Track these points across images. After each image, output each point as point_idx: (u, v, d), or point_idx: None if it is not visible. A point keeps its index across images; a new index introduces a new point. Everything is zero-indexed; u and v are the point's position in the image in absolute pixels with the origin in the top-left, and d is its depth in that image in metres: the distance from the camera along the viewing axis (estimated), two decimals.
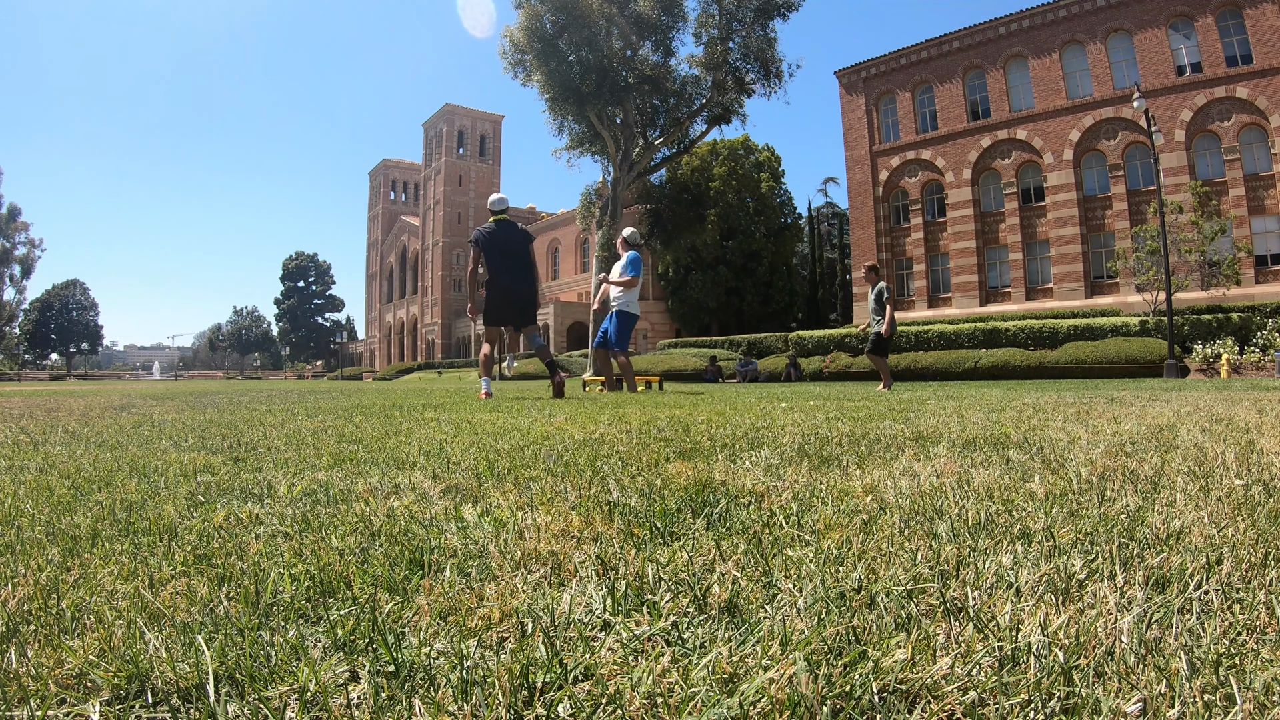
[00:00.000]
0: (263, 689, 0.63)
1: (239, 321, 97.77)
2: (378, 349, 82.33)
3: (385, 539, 1.15)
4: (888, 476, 1.69)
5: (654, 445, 2.39)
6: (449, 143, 70.45)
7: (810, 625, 0.75)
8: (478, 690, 0.61)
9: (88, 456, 2.31)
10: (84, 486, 1.70)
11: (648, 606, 0.81)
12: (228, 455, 2.32)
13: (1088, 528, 1.15)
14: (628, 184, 24.27)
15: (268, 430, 3.24)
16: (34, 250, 59.73)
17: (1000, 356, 19.63)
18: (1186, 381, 12.21)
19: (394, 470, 1.92)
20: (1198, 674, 0.62)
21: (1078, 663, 0.65)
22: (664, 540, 1.14)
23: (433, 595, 0.87)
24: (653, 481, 1.65)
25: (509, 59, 22.59)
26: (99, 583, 0.94)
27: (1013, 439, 2.47)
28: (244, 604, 0.84)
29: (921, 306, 32.51)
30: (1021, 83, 30.41)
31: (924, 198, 33.12)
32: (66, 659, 0.69)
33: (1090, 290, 28.62)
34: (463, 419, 3.79)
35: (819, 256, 49.86)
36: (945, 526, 1.17)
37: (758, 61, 22.87)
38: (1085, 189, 29.04)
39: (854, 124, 35.01)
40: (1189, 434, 2.55)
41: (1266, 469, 1.70)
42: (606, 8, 21.57)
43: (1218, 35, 25.69)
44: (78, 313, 74.53)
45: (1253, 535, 1.08)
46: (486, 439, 2.71)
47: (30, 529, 1.26)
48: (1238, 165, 25.56)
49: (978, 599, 0.83)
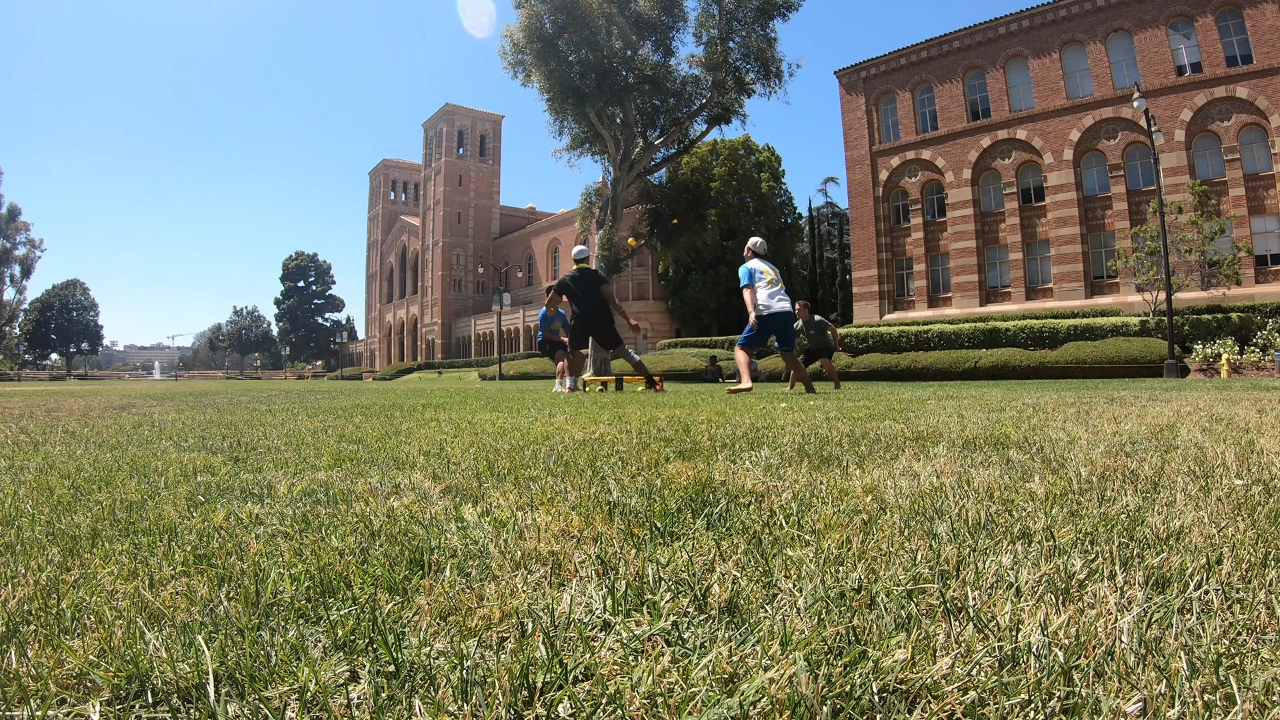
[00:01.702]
0: (263, 689, 0.63)
1: (239, 321, 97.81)
2: (378, 349, 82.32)
3: (385, 539, 1.15)
4: (888, 476, 1.69)
5: (654, 445, 2.39)
6: (449, 143, 70.45)
7: (810, 625, 0.75)
8: (478, 690, 0.61)
9: (88, 456, 2.31)
10: (84, 486, 1.70)
11: (648, 606, 0.81)
12: (228, 455, 2.32)
13: (1088, 528, 1.15)
14: (628, 184, 24.26)
15: (268, 430, 3.24)
16: (34, 250, 59.79)
17: (1000, 356, 19.63)
18: (1186, 381, 12.20)
19: (394, 470, 1.92)
20: (1198, 674, 0.62)
21: (1078, 663, 0.65)
22: (664, 540, 1.14)
23: (433, 595, 0.87)
24: (653, 481, 1.65)
25: (509, 59, 22.57)
26: (99, 583, 0.94)
27: (1013, 439, 2.47)
28: (244, 604, 0.84)
29: (921, 306, 32.51)
30: (1021, 83, 30.41)
31: (924, 198, 33.11)
32: (66, 659, 0.69)
33: (1090, 290, 28.62)
34: (463, 419, 3.79)
35: (819, 256, 49.85)
36: (945, 526, 1.17)
37: (758, 61, 22.84)
38: (1085, 189, 29.04)
39: (854, 124, 35.00)
40: (1189, 434, 2.55)
41: (1266, 469, 1.70)
42: (606, 8, 21.56)
43: (1218, 35, 25.69)
44: (78, 313, 74.55)
45: (1253, 535, 1.08)
46: (486, 439, 2.71)
47: (30, 529, 1.26)
48: (1238, 165, 25.56)
49: (978, 599, 0.83)
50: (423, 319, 73.09)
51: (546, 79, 22.04)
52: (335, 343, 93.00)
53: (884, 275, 33.86)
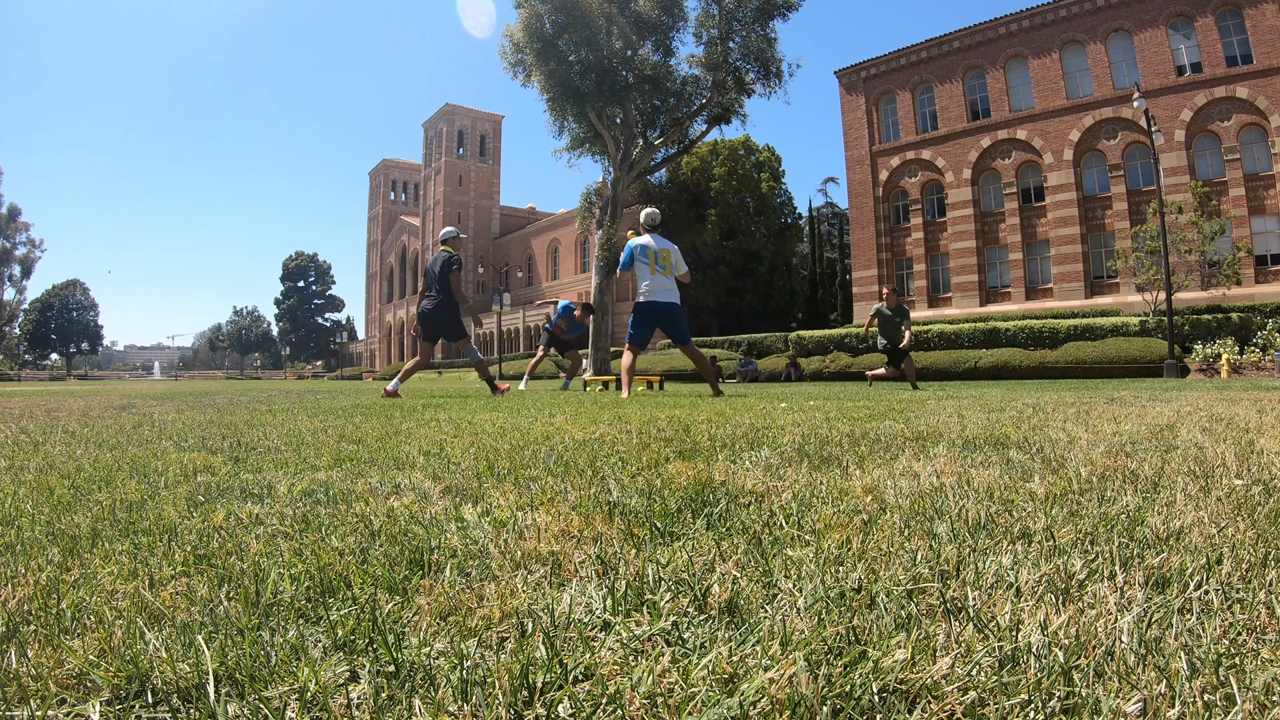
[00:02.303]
0: (263, 689, 0.63)
1: (239, 321, 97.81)
2: (378, 349, 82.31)
3: (385, 539, 1.15)
4: (888, 476, 1.69)
5: (654, 445, 2.39)
6: (449, 143, 70.47)
7: (810, 625, 0.75)
8: (478, 690, 0.61)
9: (88, 456, 2.31)
10: (84, 486, 1.70)
11: (648, 606, 0.81)
12: (228, 455, 2.32)
13: (1088, 528, 1.15)
14: (628, 184, 24.26)
15: (268, 430, 3.24)
16: (34, 250, 59.78)
17: (1000, 356, 19.63)
18: (1186, 381, 12.20)
19: (394, 470, 1.92)
20: (1198, 674, 0.62)
21: (1078, 663, 0.65)
22: (664, 540, 1.14)
23: (433, 595, 0.87)
24: (653, 481, 1.65)
25: (509, 59, 22.58)
26: (99, 583, 0.94)
27: (1013, 439, 2.47)
28: (244, 604, 0.84)
29: (921, 306, 32.51)
30: (1021, 83, 30.42)
31: (924, 198, 33.12)
32: (66, 659, 0.69)
33: (1090, 290, 28.62)
34: (463, 419, 3.79)
35: (819, 256, 49.85)
36: (945, 526, 1.17)
37: (758, 61, 22.85)
38: (1085, 189, 29.04)
39: (854, 124, 35.01)
40: (1189, 434, 2.55)
41: (1266, 469, 1.70)
42: (606, 8, 21.56)
43: (1218, 35, 25.70)
44: (78, 313, 74.53)
45: (1253, 535, 1.08)
46: (486, 439, 2.71)
47: (30, 529, 1.26)
48: (1238, 165, 25.57)
49: (978, 599, 0.83)
50: None
51: (546, 79, 22.04)
52: (335, 343, 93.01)
53: (884, 275, 33.87)
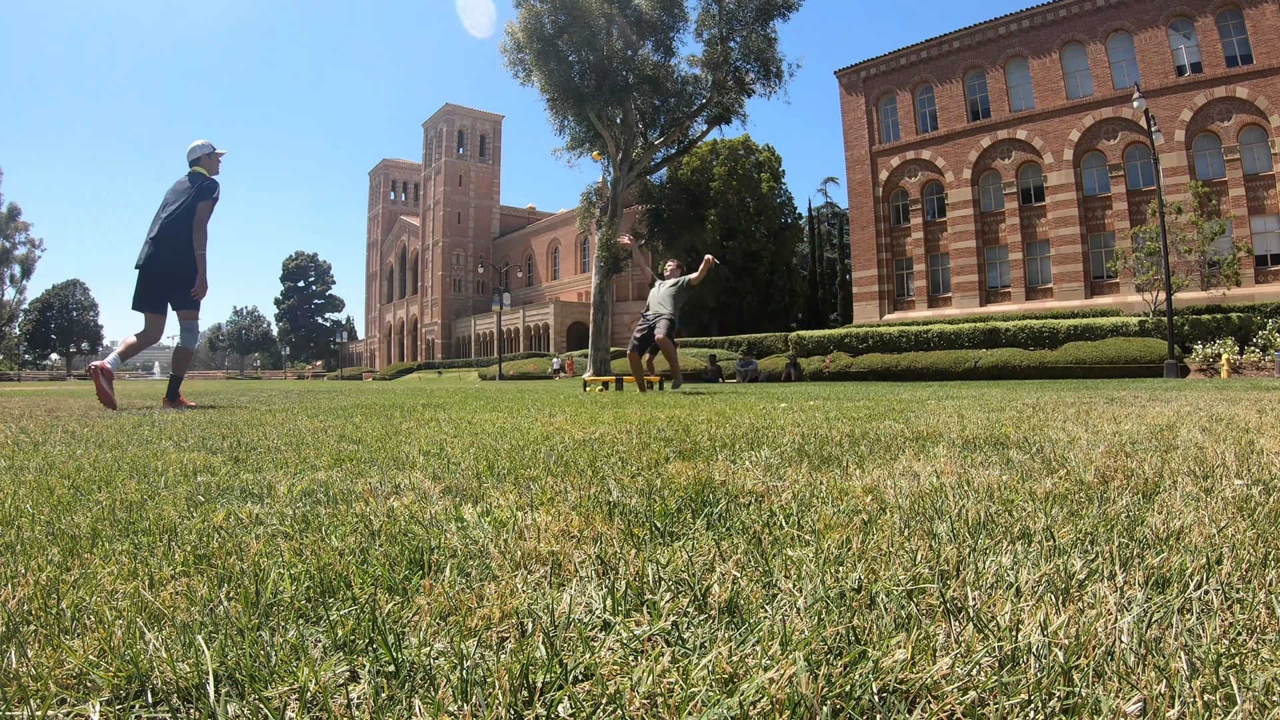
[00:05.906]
0: (263, 689, 0.63)
1: (239, 321, 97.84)
2: (378, 349, 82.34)
3: (385, 539, 1.15)
4: (888, 476, 1.69)
5: (654, 445, 2.39)
6: (449, 143, 70.48)
7: (810, 625, 0.75)
8: (478, 690, 0.61)
9: (88, 456, 2.31)
10: (84, 486, 1.70)
11: (648, 606, 0.81)
12: (228, 455, 2.31)
13: (1088, 528, 1.15)
14: (628, 184, 24.27)
15: (268, 430, 3.24)
16: (34, 250, 59.83)
17: (1000, 356, 19.63)
18: (1186, 381, 12.21)
19: (394, 470, 1.92)
20: (1198, 674, 0.62)
21: (1078, 663, 0.65)
22: (664, 540, 1.14)
23: (433, 595, 0.87)
24: (653, 481, 1.65)
25: (509, 56, 22.59)
26: (99, 583, 0.94)
27: (1013, 439, 2.47)
28: (244, 604, 0.84)
29: (921, 306, 32.52)
30: (1021, 83, 30.41)
31: (924, 198, 33.11)
32: (66, 659, 0.69)
33: (1090, 290, 28.62)
34: (463, 419, 3.79)
35: (819, 256, 49.88)
36: (945, 526, 1.17)
37: (758, 61, 22.86)
38: (1085, 189, 29.04)
39: (854, 124, 35.01)
40: (1189, 434, 2.55)
41: (1266, 469, 1.70)
42: (606, 7, 21.56)
43: (1218, 35, 25.69)
44: (78, 313, 74.47)
45: (1253, 535, 1.08)
46: (486, 439, 2.71)
47: (30, 529, 1.26)
48: (1238, 165, 25.56)
49: (978, 599, 0.83)
50: (423, 319, 73.11)
51: (547, 79, 22.05)
52: (335, 343, 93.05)
53: (884, 275, 33.87)
